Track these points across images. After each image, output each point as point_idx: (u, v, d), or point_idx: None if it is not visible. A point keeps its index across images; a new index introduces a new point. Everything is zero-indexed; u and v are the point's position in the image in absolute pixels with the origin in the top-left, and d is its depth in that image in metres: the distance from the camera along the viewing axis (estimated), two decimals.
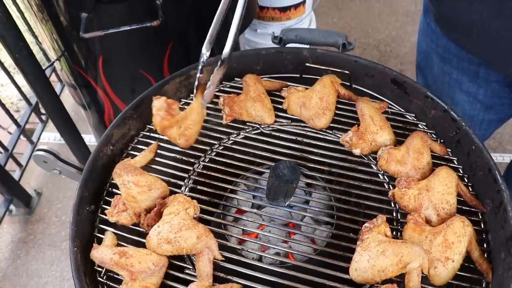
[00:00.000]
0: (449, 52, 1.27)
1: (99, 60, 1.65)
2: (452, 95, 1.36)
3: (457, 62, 1.27)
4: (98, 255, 0.95)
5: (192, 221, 0.97)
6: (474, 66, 1.24)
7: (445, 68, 1.32)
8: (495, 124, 1.45)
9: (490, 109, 1.34)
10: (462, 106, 1.37)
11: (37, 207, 2.45)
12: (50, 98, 1.81)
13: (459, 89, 1.32)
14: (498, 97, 1.29)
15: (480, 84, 1.27)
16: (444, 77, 1.34)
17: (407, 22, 3.07)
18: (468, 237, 0.91)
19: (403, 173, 1.05)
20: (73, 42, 1.63)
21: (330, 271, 0.93)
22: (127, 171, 1.07)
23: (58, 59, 1.74)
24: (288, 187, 0.98)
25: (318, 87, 1.19)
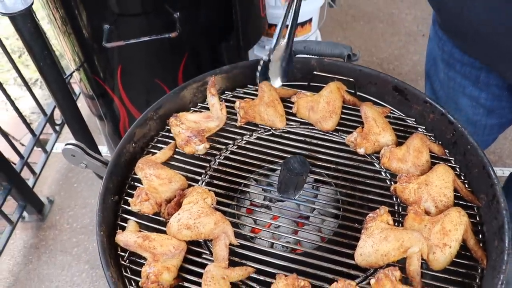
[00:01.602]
0: (454, 57, 1.37)
1: (117, 70, 1.75)
2: (456, 100, 1.45)
3: (461, 67, 1.37)
4: (123, 238, 1.04)
5: (210, 209, 1.05)
6: (475, 70, 1.33)
7: (450, 73, 1.42)
8: (497, 129, 1.53)
9: (491, 113, 1.43)
10: (466, 111, 1.46)
11: (49, 214, 2.52)
12: (69, 106, 1.90)
13: (463, 93, 1.42)
14: (498, 101, 1.38)
15: (482, 88, 1.36)
16: (449, 82, 1.44)
17: (409, 42, 3.19)
18: (464, 225, 0.99)
19: (404, 170, 1.14)
20: (93, 53, 1.74)
21: (337, 257, 1.01)
22: (149, 165, 1.16)
23: (78, 69, 1.85)
24: (298, 179, 1.07)
25: (325, 92, 1.28)
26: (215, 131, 1.26)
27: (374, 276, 0.95)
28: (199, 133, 1.20)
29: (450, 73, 1.42)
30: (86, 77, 1.87)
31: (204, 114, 1.28)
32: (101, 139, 2.40)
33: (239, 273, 0.98)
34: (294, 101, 1.31)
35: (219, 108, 1.27)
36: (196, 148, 1.19)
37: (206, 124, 1.25)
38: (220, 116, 1.26)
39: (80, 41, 1.71)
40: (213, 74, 1.36)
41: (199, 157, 1.23)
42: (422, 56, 3.09)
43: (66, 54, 1.87)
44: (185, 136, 1.20)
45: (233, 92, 1.40)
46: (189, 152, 1.20)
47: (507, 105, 1.40)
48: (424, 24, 3.32)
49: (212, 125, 1.25)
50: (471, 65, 1.34)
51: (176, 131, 1.22)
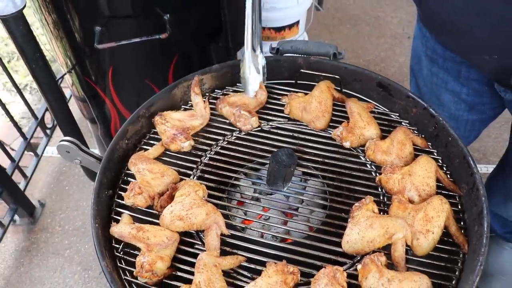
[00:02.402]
0: (436, 53, 1.42)
1: (108, 72, 1.78)
2: (439, 95, 1.50)
3: (443, 62, 1.42)
4: (117, 230, 1.07)
5: (201, 201, 1.09)
6: (457, 65, 1.39)
7: (433, 69, 1.47)
8: (478, 125, 1.59)
9: (472, 109, 1.48)
10: (448, 107, 1.51)
11: (40, 217, 2.53)
12: (61, 108, 1.93)
13: (445, 89, 1.47)
14: (479, 96, 1.43)
15: (463, 83, 1.42)
16: (432, 78, 1.49)
17: (395, 44, 3.26)
18: (445, 212, 1.04)
19: (388, 162, 1.18)
20: (85, 55, 1.76)
21: (325, 245, 1.05)
22: (141, 160, 1.19)
23: (70, 71, 1.87)
24: (287, 171, 1.11)
25: (317, 92, 1.32)
26: (200, 129, 1.30)
27: (360, 262, 0.99)
28: (184, 130, 1.24)
29: (433, 69, 1.47)
30: (78, 79, 1.90)
31: (188, 112, 1.32)
32: (93, 142, 2.42)
33: (230, 261, 1.02)
34: (286, 102, 1.34)
35: (203, 106, 1.31)
36: (181, 145, 1.23)
37: (191, 122, 1.28)
38: (204, 115, 1.30)
39: (72, 44, 1.74)
40: (203, 73, 1.40)
41: (190, 152, 1.27)
42: (407, 58, 3.13)
43: (58, 58, 1.90)
44: (171, 133, 1.24)
45: (222, 91, 1.44)
46: (174, 149, 1.24)
47: (487, 101, 1.45)
48: (409, 27, 3.39)
49: (196, 123, 1.29)
50: (452, 60, 1.39)
51: (161, 129, 1.26)
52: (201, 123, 1.30)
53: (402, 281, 0.92)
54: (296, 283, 0.98)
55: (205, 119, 1.31)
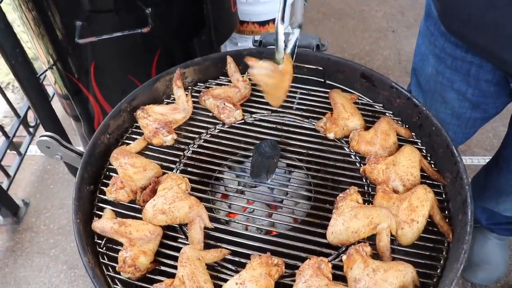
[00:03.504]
0: (445, 52, 1.41)
1: (91, 67, 1.76)
2: (443, 94, 1.50)
3: (452, 61, 1.40)
4: (99, 225, 1.05)
5: (184, 194, 1.08)
6: (466, 64, 1.37)
7: (440, 68, 1.46)
8: (479, 122, 1.59)
9: (476, 108, 1.48)
10: (452, 105, 1.51)
11: (24, 216, 2.50)
12: (43, 105, 1.90)
13: (451, 88, 1.46)
14: (484, 97, 1.43)
15: (470, 83, 1.41)
16: (437, 77, 1.48)
17: (380, 38, 3.27)
18: (430, 201, 1.03)
19: (372, 152, 1.18)
20: (66, 51, 1.73)
21: (310, 237, 1.05)
22: (123, 154, 1.17)
23: (51, 67, 1.84)
24: (270, 162, 1.10)
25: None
26: (182, 123, 1.29)
27: (346, 253, 0.99)
28: (167, 124, 1.22)
29: (440, 68, 1.46)
30: (60, 76, 1.87)
31: (171, 106, 1.31)
32: (76, 140, 2.39)
33: (214, 254, 1.01)
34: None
35: (185, 100, 1.30)
36: (164, 139, 1.21)
37: (173, 116, 1.27)
38: (187, 108, 1.29)
39: (53, 40, 1.71)
40: (185, 66, 1.38)
41: (173, 146, 1.25)
42: (392, 51, 3.17)
43: (40, 56, 1.87)
44: (153, 127, 1.22)
45: (205, 84, 1.42)
46: (157, 143, 1.22)
47: (491, 101, 1.45)
48: (393, 21, 3.40)
49: (178, 116, 1.28)
50: (462, 60, 1.38)
51: (143, 123, 1.24)
52: (183, 116, 1.29)
53: (387, 271, 0.92)
54: (281, 275, 0.97)
55: (187, 113, 1.29)
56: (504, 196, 1.68)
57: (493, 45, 1.20)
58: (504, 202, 1.70)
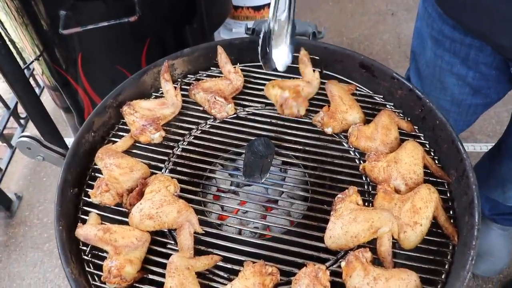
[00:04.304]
0: (443, 34, 1.34)
1: (78, 58, 1.68)
2: (443, 79, 1.43)
3: (450, 44, 1.34)
4: (83, 232, 0.99)
5: (172, 197, 1.01)
6: (465, 48, 1.31)
7: (438, 51, 1.39)
8: (481, 109, 1.52)
9: (477, 93, 1.41)
10: (452, 91, 1.44)
11: (18, 210, 2.44)
12: (30, 98, 1.82)
13: (450, 72, 1.39)
14: (485, 80, 1.36)
15: (470, 66, 1.34)
16: (436, 60, 1.41)
17: (379, 21, 3.17)
18: (434, 202, 0.97)
19: (372, 148, 1.11)
20: (52, 42, 1.66)
21: (307, 241, 0.98)
22: (108, 154, 1.11)
23: (37, 58, 1.77)
24: (263, 162, 1.03)
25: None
26: (171, 118, 1.22)
27: (344, 259, 0.93)
28: (154, 121, 1.16)
29: (438, 51, 1.40)
30: (48, 67, 1.79)
31: (159, 101, 1.24)
32: (68, 131, 2.32)
33: (205, 262, 0.95)
34: None
35: (174, 94, 1.23)
36: (151, 136, 1.15)
37: (161, 112, 1.20)
38: (176, 103, 1.22)
39: (38, 31, 1.63)
40: (174, 57, 1.31)
41: (161, 144, 1.18)
42: (391, 35, 3.07)
43: (26, 47, 1.79)
44: (140, 124, 1.15)
45: (196, 75, 1.35)
46: (144, 141, 1.16)
47: (493, 85, 1.39)
48: (393, 3, 3.29)
49: (167, 112, 1.21)
50: (461, 42, 1.31)
51: (130, 120, 1.18)
52: (172, 111, 1.22)
53: (389, 279, 0.86)
54: (276, 284, 0.91)
55: (176, 108, 1.22)
56: (509, 184, 1.62)
57: (489, 29, 1.15)
58: (509, 191, 1.64)
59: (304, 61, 1.28)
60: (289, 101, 1.18)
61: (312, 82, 1.25)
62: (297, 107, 1.19)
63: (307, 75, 1.26)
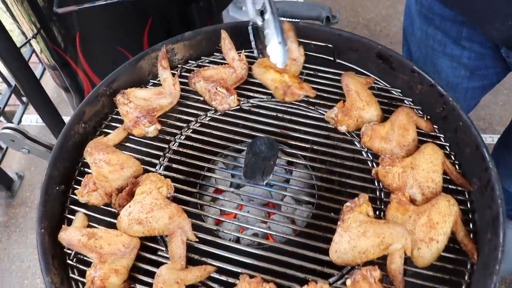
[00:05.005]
0: (432, 11, 1.23)
1: (76, 38, 1.58)
2: (435, 61, 1.32)
3: (440, 22, 1.23)
4: (66, 236, 0.91)
5: (164, 201, 0.92)
6: (457, 25, 1.20)
7: (429, 30, 1.28)
8: (479, 92, 1.41)
9: (474, 75, 1.31)
10: (446, 74, 1.33)
11: (19, 190, 2.39)
12: (27, 78, 1.74)
13: (443, 53, 1.29)
14: (482, 59, 1.25)
15: (464, 46, 1.23)
16: (427, 40, 1.30)
17: (398, 1, 3.00)
18: (453, 217, 0.87)
19: (387, 150, 1.00)
20: (48, 20, 1.56)
21: (310, 253, 0.89)
22: (98, 149, 1.02)
23: (34, 37, 1.67)
24: (266, 164, 0.93)
25: None
26: (169, 109, 1.12)
27: (350, 275, 0.84)
28: (149, 112, 1.06)
29: (429, 30, 1.28)
30: (46, 46, 1.70)
31: (156, 90, 1.14)
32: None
33: (196, 274, 0.86)
34: None
35: (172, 83, 1.13)
36: (145, 130, 1.05)
37: (158, 102, 1.10)
38: (174, 92, 1.12)
39: (33, 7, 1.53)
40: (173, 41, 1.20)
41: (157, 137, 1.09)
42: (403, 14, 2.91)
43: (23, 25, 1.70)
44: (133, 116, 1.06)
45: (197, 61, 1.24)
46: (138, 135, 1.07)
47: (490, 64, 1.27)
48: None
49: (164, 102, 1.11)
50: (452, 20, 1.20)
51: (123, 111, 1.08)
52: (170, 102, 1.12)
53: None
54: None
55: (174, 98, 1.13)
56: None
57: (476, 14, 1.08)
58: None
59: (290, 35, 1.17)
60: (293, 90, 1.08)
61: (298, 59, 1.15)
62: (302, 95, 1.10)
63: (293, 52, 1.15)
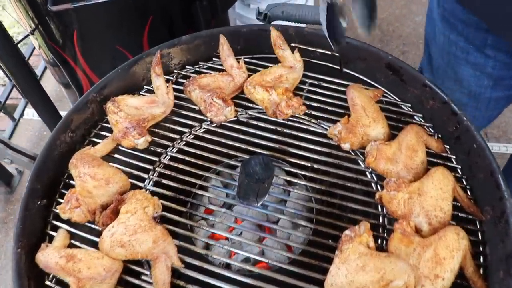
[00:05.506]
0: (455, 16, 1.15)
1: (73, 35, 1.52)
2: (457, 69, 1.24)
3: (463, 28, 1.15)
4: (43, 258, 0.85)
5: (149, 222, 0.86)
6: (482, 32, 1.12)
7: (451, 36, 1.20)
8: (503, 103, 1.33)
9: (498, 84, 1.23)
10: (468, 83, 1.25)
11: (18, 186, 2.34)
12: (24, 75, 1.69)
13: (466, 61, 1.20)
14: (507, 69, 1.17)
15: (488, 54, 1.15)
16: (450, 47, 1.22)
17: (412, 1, 2.89)
18: (462, 251, 0.79)
19: (393, 173, 0.93)
20: (46, 16, 1.50)
21: (303, 284, 0.82)
22: (84, 161, 0.95)
23: (31, 33, 1.62)
24: (260, 186, 0.86)
25: None
26: (161, 119, 1.05)
27: None
28: (139, 123, 0.99)
29: (452, 36, 1.20)
30: (45, 42, 1.64)
31: (148, 98, 1.07)
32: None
33: None
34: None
35: (165, 91, 1.06)
36: (135, 142, 0.99)
37: (150, 111, 1.04)
38: (167, 101, 1.05)
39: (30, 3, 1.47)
40: (170, 45, 1.14)
41: (148, 149, 1.02)
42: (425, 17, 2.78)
43: (21, 20, 1.64)
44: (123, 127, 0.99)
45: (195, 67, 1.17)
46: (127, 146, 1.00)
47: None
48: None
49: (157, 111, 1.04)
50: (476, 26, 1.12)
51: (113, 120, 1.02)
52: (162, 111, 1.05)
53: None
54: None
55: (167, 107, 1.06)
56: None
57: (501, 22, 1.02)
58: None
59: (279, 44, 1.11)
60: (282, 109, 1.01)
61: (295, 66, 1.09)
62: (293, 111, 1.03)
63: (288, 59, 1.09)
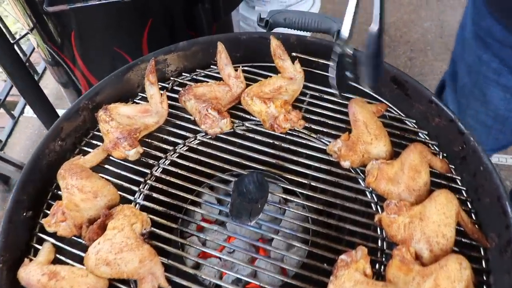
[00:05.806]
0: (492, 36, 1.09)
1: (70, 37, 1.49)
2: (486, 90, 1.19)
3: (499, 48, 1.09)
4: (25, 275, 0.81)
5: (136, 241, 0.82)
6: None
7: (484, 56, 1.14)
8: None
9: None
10: (496, 105, 1.20)
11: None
12: (21, 75, 1.65)
13: (496, 82, 1.15)
14: None
15: None
16: (480, 67, 1.16)
17: (421, 6, 2.82)
18: (464, 282, 0.75)
19: (394, 194, 0.88)
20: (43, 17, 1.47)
21: None
22: (72, 173, 0.92)
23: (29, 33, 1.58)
24: (253, 206, 0.82)
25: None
26: (154, 129, 1.01)
27: None
28: (130, 134, 0.95)
29: (485, 56, 1.14)
30: (43, 42, 1.61)
31: (141, 107, 1.03)
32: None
33: None
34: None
35: (159, 100, 1.02)
36: (125, 153, 0.95)
37: (143, 120, 1.00)
38: (160, 111, 1.01)
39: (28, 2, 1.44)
40: (166, 52, 1.10)
41: (139, 160, 0.99)
42: (434, 23, 2.73)
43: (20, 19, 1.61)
44: (113, 137, 0.95)
45: (192, 74, 1.13)
46: (118, 157, 0.96)
47: None
48: None
49: (150, 121, 1.00)
50: None
51: (104, 129, 0.98)
52: (156, 121, 1.01)
53: None
54: None
55: (161, 117, 1.02)
56: None
57: None
58: None
59: (279, 54, 1.06)
60: (280, 122, 0.97)
61: (295, 77, 1.05)
62: (291, 126, 0.99)
63: (288, 70, 1.05)
